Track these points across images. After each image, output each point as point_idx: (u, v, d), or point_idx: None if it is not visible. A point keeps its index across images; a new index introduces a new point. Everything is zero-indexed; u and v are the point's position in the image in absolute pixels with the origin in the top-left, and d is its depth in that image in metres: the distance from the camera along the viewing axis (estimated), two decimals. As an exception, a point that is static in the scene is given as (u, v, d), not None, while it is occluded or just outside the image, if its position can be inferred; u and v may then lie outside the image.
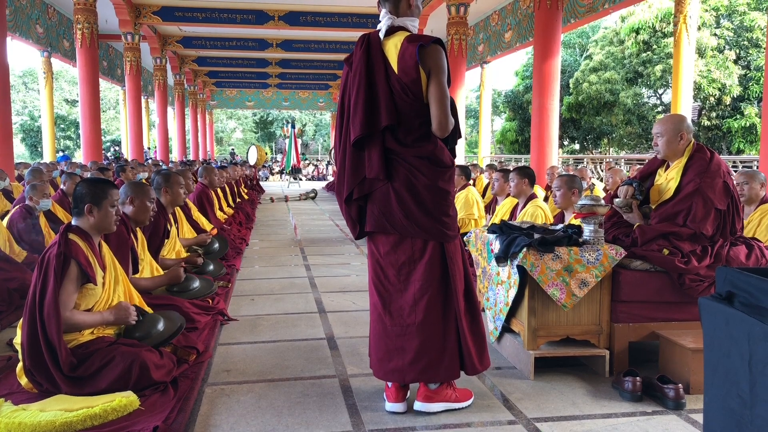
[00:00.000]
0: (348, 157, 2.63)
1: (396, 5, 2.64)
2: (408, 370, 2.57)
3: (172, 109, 24.13)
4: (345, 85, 2.70)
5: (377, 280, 2.67)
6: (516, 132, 28.16)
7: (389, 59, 2.58)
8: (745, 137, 20.04)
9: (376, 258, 2.68)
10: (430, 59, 2.51)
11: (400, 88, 2.54)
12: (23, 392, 2.70)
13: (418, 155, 2.56)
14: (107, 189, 2.95)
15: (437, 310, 2.58)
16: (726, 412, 1.49)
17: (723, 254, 3.07)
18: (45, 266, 2.71)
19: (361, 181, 2.61)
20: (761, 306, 1.42)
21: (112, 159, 15.83)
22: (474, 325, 2.65)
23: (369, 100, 2.55)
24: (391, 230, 2.60)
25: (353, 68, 2.63)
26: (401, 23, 2.64)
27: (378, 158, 2.56)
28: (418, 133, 2.57)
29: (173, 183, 4.63)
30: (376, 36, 2.64)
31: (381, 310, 2.64)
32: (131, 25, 14.18)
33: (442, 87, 2.52)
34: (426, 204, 2.55)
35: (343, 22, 15.02)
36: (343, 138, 2.66)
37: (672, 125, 3.23)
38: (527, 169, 4.89)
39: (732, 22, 20.52)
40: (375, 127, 2.54)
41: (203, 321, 3.75)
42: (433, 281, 2.58)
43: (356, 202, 2.66)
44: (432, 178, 2.56)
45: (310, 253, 6.92)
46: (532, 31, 10.98)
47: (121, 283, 3.03)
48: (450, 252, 2.60)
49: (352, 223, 2.71)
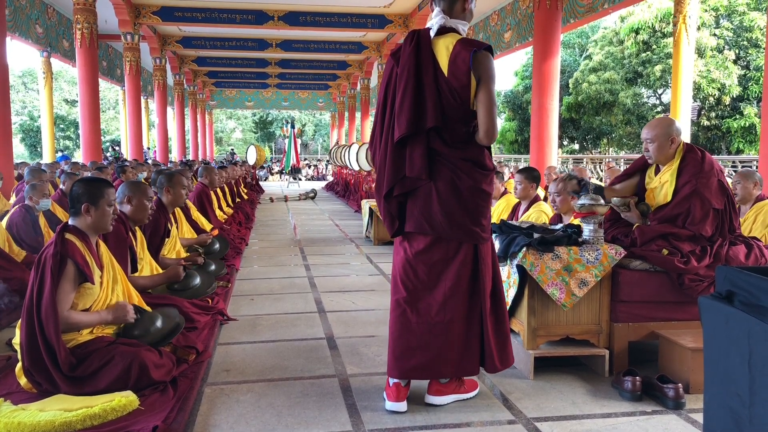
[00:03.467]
0: (390, 153, 2.60)
1: (451, 6, 2.61)
2: (430, 367, 2.60)
3: (172, 109, 24.11)
4: (389, 79, 2.65)
5: (406, 277, 2.66)
6: (515, 132, 28.18)
7: (439, 60, 2.56)
8: (744, 137, 20.05)
9: (407, 256, 2.67)
10: (482, 66, 2.51)
11: (449, 91, 2.53)
12: (23, 392, 2.70)
13: (463, 157, 2.58)
14: (104, 188, 2.94)
15: (464, 310, 2.61)
16: (725, 412, 1.49)
17: (722, 254, 3.07)
18: (42, 266, 2.70)
19: (402, 178, 2.60)
20: (761, 305, 1.42)
21: (112, 159, 15.80)
22: (498, 324, 2.69)
23: (416, 99, 2.53)
24: (429, 231, 2.60)
25: (401, 64, 2.60)
26: (453, 25, 2.62)
27: (420, 158, 2.55)
28: (463, 136, 2.58)
29: (176, 183, 4.63)
30: (427, 34, 2.61)
31: (407, 306, 2.63)
32: (131, 25, 14.16)
33: (492, 95, 2.52)
34: (468, 206, 2.57)
35: (343, 22, 15.01)
36: (386, 134, 2.63)
37: (662, 130, 3.21)
38: (533, 172, 4.79)
39: (731, 22, 20.54)
40: (421, 127, 2.54)
41: (203, 321, 3.75)
42: (464, 281, 2.61)
43: (396, 199, 2.65)
44: (476, 180, 2.58)
45: (309, 253, 6.92)
46: (532, 32, 10.97)
47: (119, 283, 3.03)
48: (482, 253, 2.63)
49: (391, 220, 2.68)
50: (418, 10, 14.17)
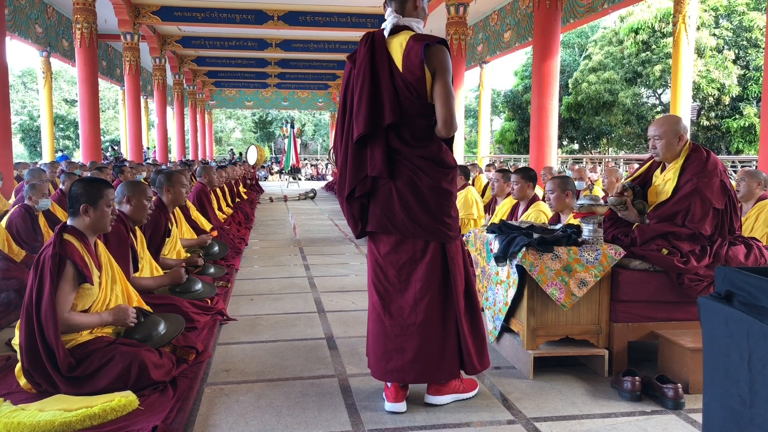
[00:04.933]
0: (350, 154, 2.62)
1: (402, 5, 2.65)
2: (408, 370, 2.58)
3: (171, 109, 24.11)
4: (347, 82, 2.69)
5: (377, 280, 2.66)
6: (515, 132, 28.17)
7: (394, 58, 2.59)
8: (744, 137, 20.05)
9: (376, 258, 2.68)
10: (435, 59, 2.52)
11: (405, 87, 2.54)
12: (22, 392, 2.70)
13: (422, 155, 2.57)
14: (103, 188, 2.94)
15: (437, 311, 2.59)
16: (725, 412, 1.49)
17: (722, 254, 3.07)
18: (41, 267, 2.69)
19: (363, 178, 2.61)
20: (760, 305, 1.42)
21: (112, 159, 15.79)
22: (474, 325, 2.66)
23: (373, 97, 2.55)
24: (392, 230, 2.60)
25: (357, 66, 2.63)
26: (406, 23, 2.65)
27: (381, 156, 2.56)
28: (422, 133, 2.57)
29: (175, 182, 4.63)
30: (381, 35, 2.65)
31: (380, 310, 2.63)
32: (130, 25, 14.16)
33: (448, 86, 2.53)
34: (429, 204, 2.56)
35: (342, 22, 15.01)
36: (345, 135, 2.65)
37: (670, 127, 3.22)
38: (530, 171, 4.81)
39: (731, 22, 20.54)
40: (378, 124, 2.55)
41: (202, 321, 3.75)
42: (434, 281, 2.59)
43: (358, 200, 2.66)
44: (435, 179, 2.57)
45: (309, 253, 6.92)
46: (532, 31, 10.98)
47: (118, 283, 3.02)
48: (451, 252, 2.60)
49: (354, 222, 2.70)
50: (417, 10, 14.14)
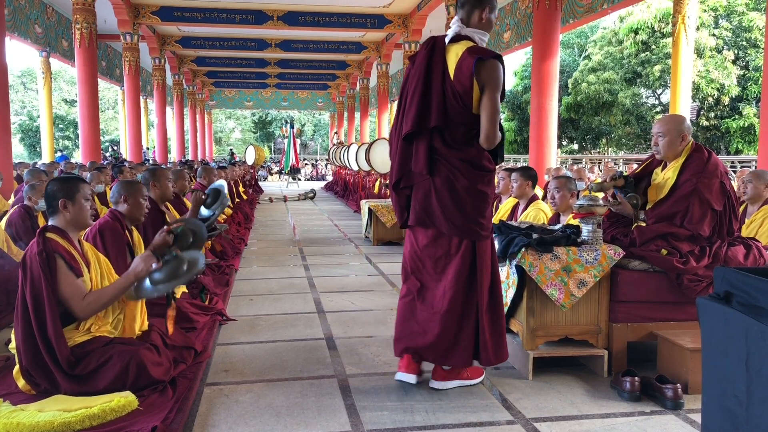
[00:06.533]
0: (399, 148, 2.83)
1: (469, 15, 2.77)
2: (425, 351, 2.77)
3: (171, 109, 24.09)
4: (406, 80, 2.86)
5: (416, 268, 2.87)
6: (515, 132, 28.15)
7: (448, 65, 2.72)
8: (743, 137, 20.06)
9: (415, 249, 2.87)
10: (485, 73, 2.64)
11: (453, 95, 2.68)
12: (21, 392, 2.69)
13: (461, 158, 2.73)
14: (78, 183, 2.94)
15: (459, 303, 2.75)
16: (723, 412, 1.49)
17: (721, 254, 3.08)
18: (29, 267, 2.68)
19: (408, 172, 2.82)
20: (759, 306, 1.42)
21: (111, 159, 15.78)
22: (495, 319, 2.81)
23: (423, 99, 2.72)
24: (430, 224, 2.78)
25: (414, 66, 2.80)
26: (469, 33, 2.77)
27: (424, 154, 2.74)
28: (464, 138, 2.74)
29: (160, 176, 4.64)
30: (442, 40, 2.79)
31: (416, 294, 2.82)
32: (130, 25, 14.15)
33: (495, 102, 2.66)
34: (464, 204, 2.72)
35: (342, 22, 15.00)
36: (398, 130, 2.86)
37: (674, 125, 3.22)
38: (530, 170, 4.80)
39: (730, 23, 20.55)
40: (424, 125, 2.72)
41: (202, 321, 3.75)
42: (463, 276, 2.75)
43: (404, 191, 2.86)
44: (472, 180, 2.73)
45: (308, 253, 6.92)
46: (531, 32, 10.98)
47: (106, 279, 3.00)
48: (481, 250, 2.76)
49: (400, 211, 2.92)
50: (417, 10, 14.14)
